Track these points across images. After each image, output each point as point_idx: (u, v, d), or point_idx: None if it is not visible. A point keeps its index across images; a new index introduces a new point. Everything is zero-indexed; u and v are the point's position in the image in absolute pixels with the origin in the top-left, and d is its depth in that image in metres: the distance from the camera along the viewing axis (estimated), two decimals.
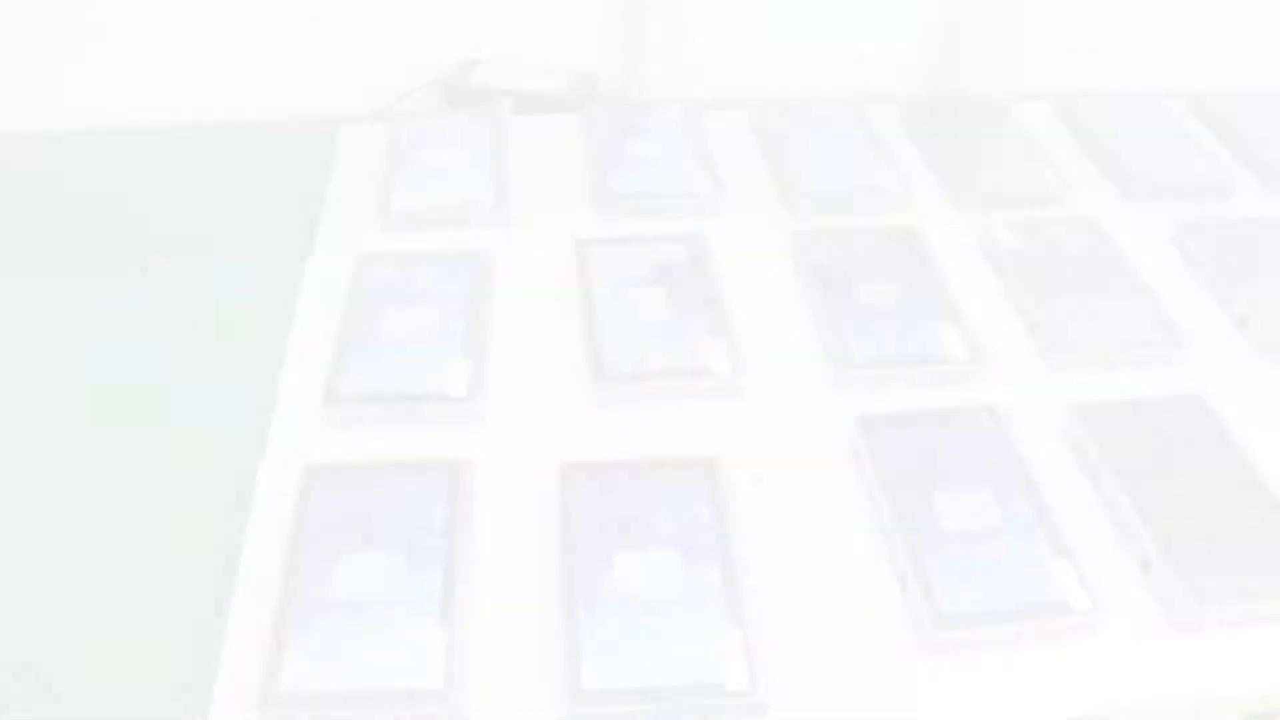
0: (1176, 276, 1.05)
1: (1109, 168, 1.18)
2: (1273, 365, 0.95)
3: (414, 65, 1.28)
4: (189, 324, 0.96)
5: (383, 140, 1.14)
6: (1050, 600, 0.72)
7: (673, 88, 1.23)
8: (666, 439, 0.84)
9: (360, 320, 0.90)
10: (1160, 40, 1.41)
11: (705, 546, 0.74)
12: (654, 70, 1.22)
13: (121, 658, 0.71)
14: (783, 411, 0.87)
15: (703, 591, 0.71)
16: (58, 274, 1.02)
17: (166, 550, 0.78)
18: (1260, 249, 1.05)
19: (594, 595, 0.71)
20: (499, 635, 0.71)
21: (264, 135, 1.23)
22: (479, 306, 0.92)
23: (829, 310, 0.93)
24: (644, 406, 0.86)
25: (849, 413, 0.84)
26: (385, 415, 0.84)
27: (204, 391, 0.89)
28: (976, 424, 0.84)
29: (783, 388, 0.89)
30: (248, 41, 1.23)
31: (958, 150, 1.17)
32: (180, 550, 0.77)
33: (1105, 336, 0.93)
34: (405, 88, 1.28)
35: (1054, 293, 0.97)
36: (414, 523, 0.75)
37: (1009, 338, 0.96)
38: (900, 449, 0.81)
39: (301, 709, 0.65)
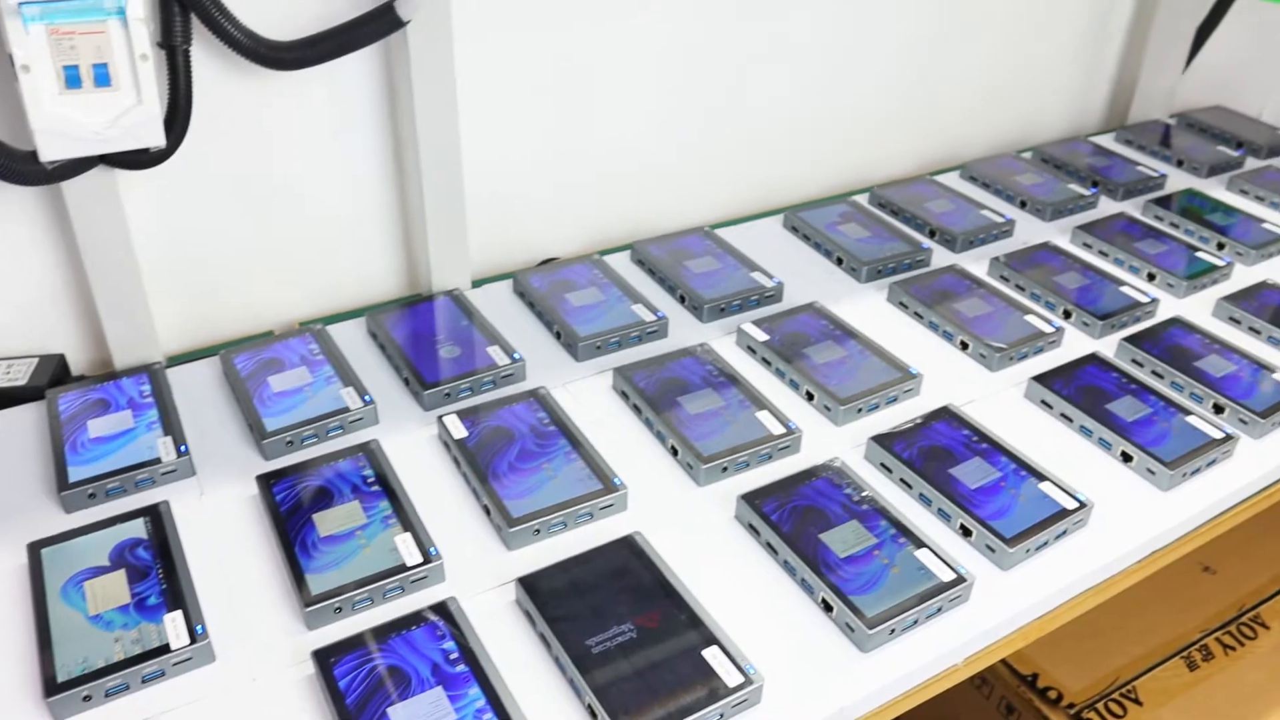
0: (614, 425, 1.17)
1: (559, 334, 1.31)
2: (698, 490, 1.09)
3: None
4: None
5: None
6: None
7: (141, 350, 1.24)
8: None
9: None
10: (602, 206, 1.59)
11: None
12: (120, 336, 1.23)
13: None
14: (248, 666, 0.90)
15: None
16: None
17: None
18: (683, 382, 1.20)
19: None
20: None
21: None
22: None
23: (289, 550, 0.97)
24: (104, 706, 0.86)
25: (311, 649, 0.88)
26: None
27: None
28: (429, 625, 0.90)
29: (247, 642, 0.91)
30: None
31: (417, 348, 1.25)
32: None
33: (550, 502, 1.03)
34: None
35: (501, 473, 1.06)
36: None
37: (465, 528, 1.03)
38: (357, 673, 0.86)
39: None
